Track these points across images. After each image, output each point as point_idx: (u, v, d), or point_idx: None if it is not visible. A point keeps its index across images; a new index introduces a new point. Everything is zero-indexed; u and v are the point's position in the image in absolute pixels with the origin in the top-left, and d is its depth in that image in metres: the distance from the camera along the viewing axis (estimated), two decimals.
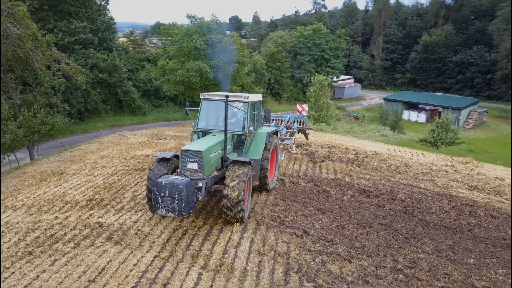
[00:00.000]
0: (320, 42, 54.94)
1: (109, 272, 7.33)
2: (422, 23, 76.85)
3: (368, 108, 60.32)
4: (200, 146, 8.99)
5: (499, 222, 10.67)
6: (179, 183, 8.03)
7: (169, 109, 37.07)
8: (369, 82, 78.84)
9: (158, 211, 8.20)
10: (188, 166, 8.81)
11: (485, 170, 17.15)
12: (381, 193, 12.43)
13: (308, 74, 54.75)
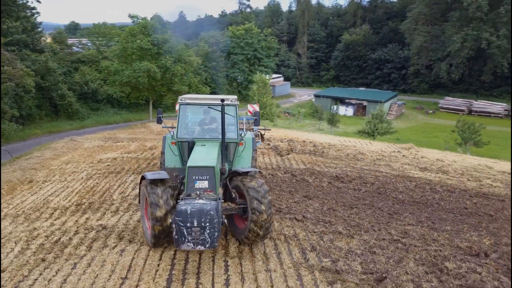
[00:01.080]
0: (253, 42, 56.28)
1: (137, 268, 7.41)
2: (342, 23, 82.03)
3: (299, 104, 62.99)
4: (208, 160, 7.68)
5: (456, 195, 12.37)
6: (209, 209, 6.62)
7: (108, 112, 35.64)
8: (296, 80, 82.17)
9: (182, 246, 6.63)
10: (197, 185, 7.39)
11: (425, 153, 19.35)
12: (353, 178, 13.63)
13: (243, 73, 55.86)
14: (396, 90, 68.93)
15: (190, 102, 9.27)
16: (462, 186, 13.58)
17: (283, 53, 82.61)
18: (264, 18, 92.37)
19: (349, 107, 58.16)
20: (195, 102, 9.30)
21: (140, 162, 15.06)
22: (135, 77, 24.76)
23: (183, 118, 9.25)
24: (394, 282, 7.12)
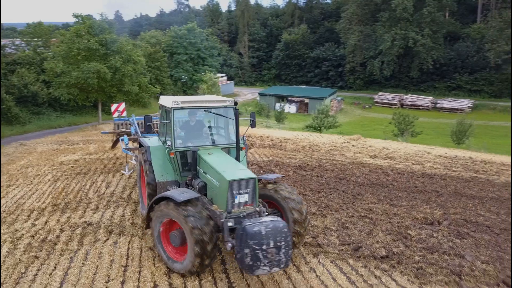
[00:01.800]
0: (196, 41, 56.30)
1: (136, 257, 7.76)
2: (281, 23, 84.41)
3: (243, 103, 63.97)
4: (245, 171, 7.14)
5: (406, 177, 13.88)
6: (282, 226, 6.16)
7: (51, 116, 33.98)
8: (239, 79, 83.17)
9: (257, 271, 5.95)
10: (237, 200, 6.83)
11: (372, 143, 21.07)
12: (314, 167, 14.71)
13: (187, 73, 55.73)
14: (334, 87, 72.32)
15: (186, 106, 8.17)
16: (408, 169, 15.18)
17: (224, 52, 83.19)
18: (204, 18, 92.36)
19: (292, 105, 60.16)
20: (189, 106, 8.25)
21: (105, 162, 15.00)
22: (84, 78, 24.07)
23: (177, 125, 8.32)
24: (369, 249, 8.15)
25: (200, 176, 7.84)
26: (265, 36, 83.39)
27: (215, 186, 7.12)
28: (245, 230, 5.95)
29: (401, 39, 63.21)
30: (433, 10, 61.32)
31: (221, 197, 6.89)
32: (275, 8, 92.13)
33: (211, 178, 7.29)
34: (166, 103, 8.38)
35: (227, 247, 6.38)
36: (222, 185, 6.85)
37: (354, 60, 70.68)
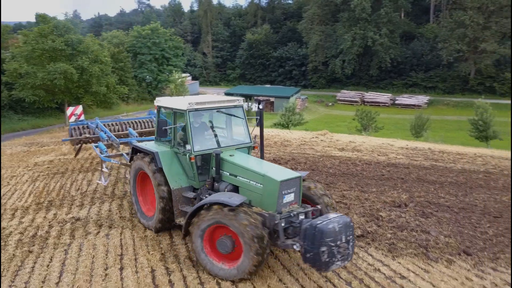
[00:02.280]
0: (160, 41, 55.91)
1: (129, 246, 8.12)
2: (244, 23, 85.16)
3: None
4: (289, 171, 7.42)
5: (373, 167, 14.89)
6: (349, 221, 6.35)
7: (12, 119, 32.82)
8: (204, 79, 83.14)
9: (332, 267, 6.11)
10: (285, 200, 6.89)
11: (339, 138, 22.11)
12: (287, 160, 15.43)
13: (151, 73, 55.27)
14: (298, 86, 73.89)
15: (201, 108, 8.01)
16: (375, 160, 16.24)
17: (188, 52, 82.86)
18: (166, 18, 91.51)
19: None
20: (206, 107, 8.16)
21: (81, 162, 15.02)
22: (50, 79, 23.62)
23: (193, 128, 7.88)
24: None
25: (225, 179, 7.65)
26: (228, 36, 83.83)
27: (255, 188, 7.02)
28: (319, 228, 5.98)
29: (361, 39, 65.60)
30: (390, 11, 64.10)
31: (268, 198, 6.85)
32: (238, 8, 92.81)
33: (246, 180, 7.19)
34: (177, 105, 8.08)
35: (294, 248, 6.33)
36: (270, 186, 6.81)
37: (316, 59, 72.56)
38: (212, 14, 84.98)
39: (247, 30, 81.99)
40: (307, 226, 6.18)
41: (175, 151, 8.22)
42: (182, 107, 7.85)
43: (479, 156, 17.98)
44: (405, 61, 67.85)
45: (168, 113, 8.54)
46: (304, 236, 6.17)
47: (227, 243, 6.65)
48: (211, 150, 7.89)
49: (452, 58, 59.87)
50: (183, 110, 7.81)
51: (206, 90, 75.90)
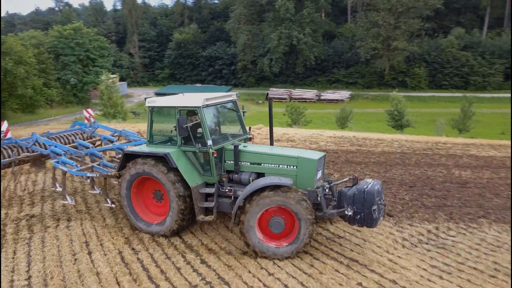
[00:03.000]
0: (84, 42, 53.68)
1: (93, 235, 8.57)
2: (171, 23, 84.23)
3: (140, 104, 63.03)
4: (313, 152, 8.42)
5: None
6: (381, 184, 7.73)
7: None
8: (132, 79, 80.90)
9: (378, 222, 7.46)
10: (317, 176, 7.87)
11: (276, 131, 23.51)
12: None
13: (76, 75, 52.94)
14: (228, 85, 74.97)
15: (211, 103, 8.32)
16: (308, 147, 17.81)
17: (114, 53, 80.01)
18: (87, 17, 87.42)
19: None
20: (215, 102, 8.48)
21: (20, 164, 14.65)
22: None
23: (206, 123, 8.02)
24: None
25: (244, 169, 8.12)
26: (155, 36, 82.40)
27: (288, 170, 7.73)
28: (368, 191, 7.20)
29: (286, 38, 68.31)
30: (312, 11, 67.55)
31: (304, 178, 7.64)
32: (164, 7, 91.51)
33: (274, 165, 7.83)
34: (187, 103, 8.29)
35: (346, 213, 7.27)
36: (307, 166, 7.63)
37: (245, 58, 74.10)
38: (137, 14, 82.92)
39: (174, 29, 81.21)
40: (355, 192, 7.32)
41: (184, 149, 8.27)
42: (196, 104, 8.03)
43: (396, 140, 20.39)
44: (328, 58, 71.91)
45: (176, 111, 8.21)
46: (353, 201, 7.27)
47: (280, 223, 7.31)
48: (227, 143, 8.34)
49: (369, 55, 64.73)
50: (197, 107, 8.02)
51: (135, 91, 74.13)
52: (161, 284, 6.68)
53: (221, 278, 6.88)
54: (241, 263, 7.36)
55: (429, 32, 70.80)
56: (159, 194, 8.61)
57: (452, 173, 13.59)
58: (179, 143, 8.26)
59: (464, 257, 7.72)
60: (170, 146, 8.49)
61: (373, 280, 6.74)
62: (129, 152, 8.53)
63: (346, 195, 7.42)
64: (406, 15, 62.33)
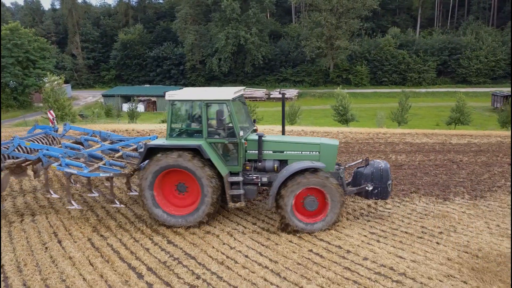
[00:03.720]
0: (22, 43, 51.22)
1: (60, 226, 8.93)
2: (115, 23, 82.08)
3: (87, 106, 61.28)
4: (328, 139, 9.89)
5: None
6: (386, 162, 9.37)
7: None
8: (76, 82, 78.00)
9: (390, 194, 9.39)
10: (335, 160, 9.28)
11: None
12: None
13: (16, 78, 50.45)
14: (178, 85, 74.54)
15: (236, 97, 8.87)
16: None
17: (55, 54, 76.63)
18: (24, 17, 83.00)
19: (140, 104, 60.26)
20: (238, 95, 9.12)
21: None
22: None
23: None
24: None
25: (268, 157, 8.76)
26: (99, 36, 79.94)
27: (311, 156, 8.66)
28: (384, 169, 8.88)
29: (233, 38, 69.15)
30: (257, 12, 68.94)
31: (327, 161, 8.58)
32: (106, 7, 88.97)
33: (297, 152, 8.71)
34: (215, 96, 8.67)
35: (367, 188, 8.76)
36: (329, 151, 8.72)
37: (193, 58, 73.97)
38: (78, 13, 79.94)
39: (119, 30, 79.27)
40: (373, 170, 8.89)
41: (210, 141, 8.54)
42: (226, 97, 8.49)
43: (341, 132, 21.93)
44: (275, 58, 73.73)
45: (203, 105, 8.48)
46: (372, 178, 8.80)
47: (314, 202, 8.30)
48: (253, 133, 8.96)
49: (314, 54, 67.25)
50: (226, 100, 8.46)
51: (80, 94, 71.70)
52: (132, 263, 7.28)
53: (187, 254, 7.60)
54: (205, 241, 8.12)
55: (369, 31, 74.93)
56: (182, 186, 8.80)
57: (390, 157, 15.15)
58: (205, 135, 8.52)
59: (398, 224, 8.99)
60: (195, 138, 8.68)
61: (322, 247, 7.77)
62: (153, 146, 8.51)
63: (364, 174, 8.87)
64: (346, 16, 65.46)
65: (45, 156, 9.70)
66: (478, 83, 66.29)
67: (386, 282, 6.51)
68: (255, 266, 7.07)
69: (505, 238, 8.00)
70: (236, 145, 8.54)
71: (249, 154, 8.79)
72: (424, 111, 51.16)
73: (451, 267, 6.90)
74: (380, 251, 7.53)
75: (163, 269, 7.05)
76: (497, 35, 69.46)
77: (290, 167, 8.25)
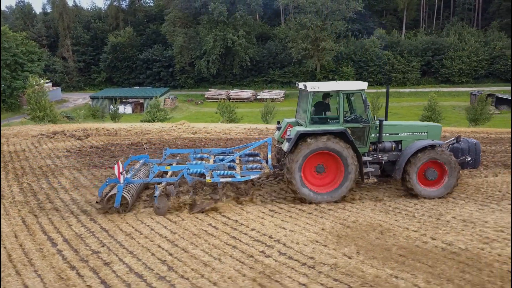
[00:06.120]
0: (10, 46, 52.40)
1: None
2: (105, 26, 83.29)
3: (75, 108, 62.49)
4: (433, 122, 12.42)
5: (215, 141, 18.46)
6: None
7: None
8: (67, 84, 79.06)
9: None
10: None
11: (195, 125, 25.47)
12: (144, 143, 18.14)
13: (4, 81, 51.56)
14: (167, 87, 75.70)
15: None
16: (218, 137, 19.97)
17: (45, 57, 77.73)
18: (15, 21, 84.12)
19: (127, 106, 61.45)
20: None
21: None
22: None
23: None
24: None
25: (385, 139, 10.38)
26: (89, 40, 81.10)
27: (421, 136, 10.42)
28: (478, 144, 10.61)
29: (221, 40, 70.37)
30: (244, 14, 70.20)
31: (434, 139, 10.30)
32: (97, 10, 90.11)
33: (409, 134, 10.45)
34: (353, 87, 10.26)
35: (467, 160, 10.35)
36: (435, 131, 10.54)
37: (182, 60, 75.09)
38: (69, 17, 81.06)
39: (109, 33, 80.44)
40: (469, 145, 10.55)
41: (346, 126, 9.92)
42: (361, 87, 10.11)
43: None
44: (263, 59, 74.96)
45: (341, 95, 10.00)
46: (468, 151, 10.43)
47: (435, 172, 9.95)
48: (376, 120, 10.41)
49: (300, 55, 68.48)
50: (362, 90, 10.09)
51: (71, 96, 72.81)
52: (52, 235, 8.40)
53: (102, 228, 8.73)
54: (121, 218, 9.24)
55: (356, 33, 76.21)
56: (321, 167, 10.04)
57: None
58: (341, 121, 9.98)
59: (296, 204, 10.07)
60: (334, 124, 10.11)
61: (221, 221, 8.91)
62: (304, 131, 9.67)
63: (461, 149, 10.56)
64: (331, 17, 66.75)
65: (190, 174, 10.14)
66: (461, 82, 67.63)
67: (260, 246, 7.64)
68: (156, 236, 8.20)
69: (383, 213, 9.17)
70: (366, 129, 10.11)
71: (370, 137, 10.29)
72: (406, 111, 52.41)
73: (320, 235, 8.02)
74: (268, 224, 8.66)
75: (76, 239, 8.18)
76: (480, 35, 70.84)
77: (414, 145, 10.00)
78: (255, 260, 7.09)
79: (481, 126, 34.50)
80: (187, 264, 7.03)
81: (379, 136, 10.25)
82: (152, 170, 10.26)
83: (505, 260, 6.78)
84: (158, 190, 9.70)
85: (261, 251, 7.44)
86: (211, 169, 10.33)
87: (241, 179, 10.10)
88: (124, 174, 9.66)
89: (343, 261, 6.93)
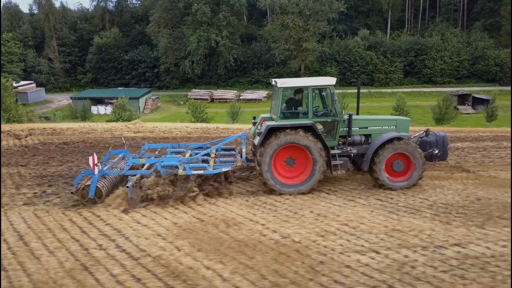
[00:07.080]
0: None
1: None
2: (91, 27, 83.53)
3: (57, 108, 62.74)
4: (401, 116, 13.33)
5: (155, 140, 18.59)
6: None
7: None
8: (53, 85, 79.23)
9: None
10: None
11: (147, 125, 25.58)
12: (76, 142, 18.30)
13: None
14: (153, 87, 75.79)
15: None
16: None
17: (31, 58, 78.00)
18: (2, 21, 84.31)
19: (108, 106, 61.62)
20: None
21: None
22: None
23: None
24: None
25: (355, 133, 10.60)
26: (76, 40, 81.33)
27: (389, 129, 10.69)
28: (445, 137, 10.92)
29: (205, 40, 70.51)
30: (228, 15, 70.36)
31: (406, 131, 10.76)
32: (84, 11, 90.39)
33: (378, 127, 10.70)
34: (322, 82, 10.63)
35: (434, 152, 10.63)
36: (404, 124, 10.84)
37: (167, 61, 75.22)
38: (55, 18, 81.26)
39: (95, 33, 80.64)
40: (436, 138, 10.85)
41: (315, 120, 10.30)
42: (330, 83, 10.48)
43: None
44: (248, 60, 75.10)
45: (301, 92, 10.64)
46: (436, 144, 10.71)
47: (401, 164, 10.26)
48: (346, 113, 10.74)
49: (283, 56, 68.64)
50: (331, 85, 10.46)
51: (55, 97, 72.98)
52: None
53: None
54: None
55: (341, 33, 76.37)
56: (291, 160, 10.39)
57: None
58: (310, 116, 10.26)
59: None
60: (303, 118, 10.38)
61: (85, 216, 9.05)
62: (273, 126, 10.06)
63: (429, 142, 10.86)
64: (314, 18, 66.88)
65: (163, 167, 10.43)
66: (443, 83, 67.71)
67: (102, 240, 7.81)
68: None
69: (248, 208, 9.30)
70: (335, 123, 10.43)
71: (340, 131, 10.59)
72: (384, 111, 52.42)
73: (168, 229, 8.18)
74: (127, 219, 8.84)
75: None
76: (463, 36, 70.96)
77: (382, 137, 10.30)
78: (87, 253, 7.22)
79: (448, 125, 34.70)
80: (19, 257, 7.17)
81: (348, 129, 10.55)
82: (127, 163, 10.62)
83: (326, 251, 6.90)
84: (131, 181, 10.01)
85: (99, 244, 7.58)
86: (184, 162, 10.62)
87: (212, 172, 10.43)
88: (99, 166, 9.95)
89: (169, 253, 7.07)
